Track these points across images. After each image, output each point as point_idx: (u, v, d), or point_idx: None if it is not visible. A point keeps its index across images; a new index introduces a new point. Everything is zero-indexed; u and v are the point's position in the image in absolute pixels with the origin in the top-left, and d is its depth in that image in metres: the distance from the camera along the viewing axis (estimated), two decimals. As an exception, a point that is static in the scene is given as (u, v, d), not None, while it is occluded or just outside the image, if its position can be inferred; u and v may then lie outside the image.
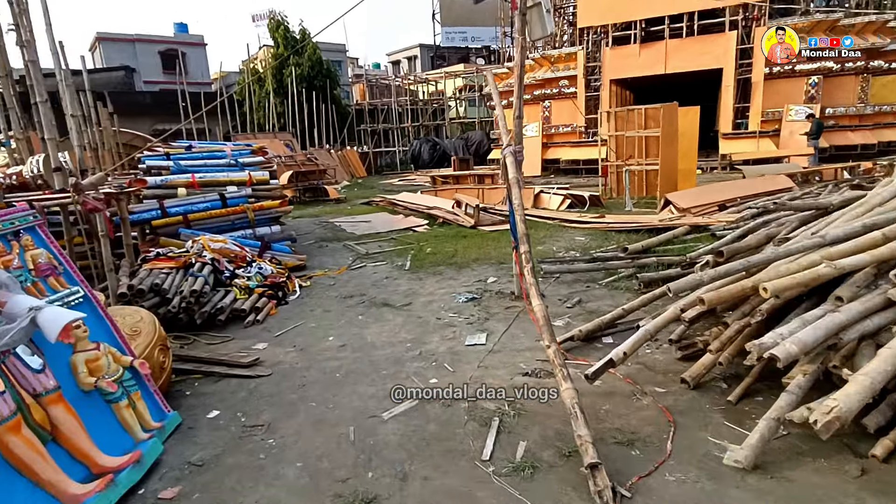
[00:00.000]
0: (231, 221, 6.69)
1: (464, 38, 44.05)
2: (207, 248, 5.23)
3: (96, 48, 38.84)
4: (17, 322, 2.23)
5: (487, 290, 5.24)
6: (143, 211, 6.22)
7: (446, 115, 30.99)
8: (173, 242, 6.03)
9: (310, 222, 11.07)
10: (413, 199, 11.82)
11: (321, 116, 26.36)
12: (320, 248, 8.11)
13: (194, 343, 4.27)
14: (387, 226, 9.83)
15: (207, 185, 6.87)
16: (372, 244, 8.14)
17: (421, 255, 6.94)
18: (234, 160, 7.35)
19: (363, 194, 16.96)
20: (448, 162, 27.66)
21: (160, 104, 25.73)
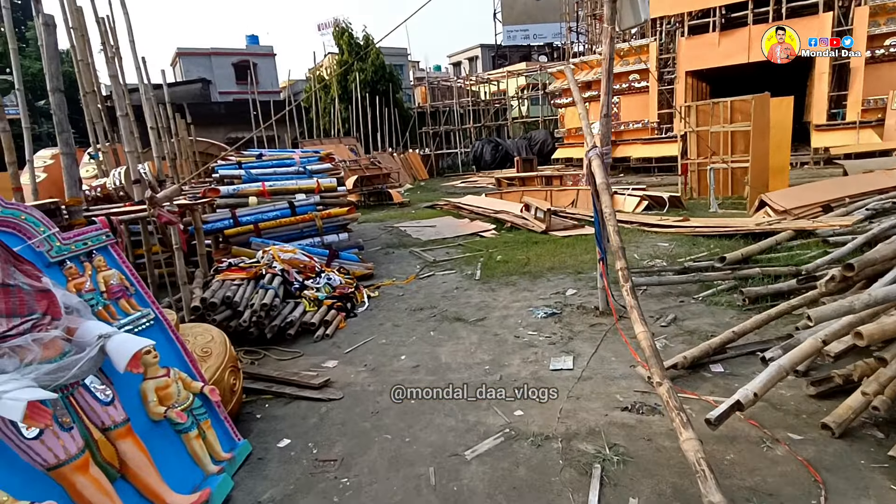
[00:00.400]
0: (300, 230, 6.65)
1: (525, 35, 43.28)
2: (277, 259, 5.16)
3: (177, 63, 41.39)
4: (86, 351, 2.11)
5: (567, 304, 4.82)
6: (217, 220, 6.28)
7: (508, 114, 30.47)
8: (244, 252, 6.04)
9: (375, 227, 11.01)
10: (478, 203, 11.51)
11: (384, 120, 26.63)
12: (386, 254, 7.96)
13: (264, 358, 4.16)
14: (453, 231, 9.57)
15: (277, 194, 6.87)
16: (439, 251, 7.89)
17: (491, 264, 6.61)
18: (302, 167, 7.34)
19: (426, 197, 16.86)
20: (511, 162, 27.18)
21: (233, 114, 26.92)
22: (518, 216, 9.30)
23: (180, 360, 2.67)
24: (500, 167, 26.57)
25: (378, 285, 6.09)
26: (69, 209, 3.50)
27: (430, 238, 9.03)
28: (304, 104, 27.61)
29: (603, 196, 3.65)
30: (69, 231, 2.60)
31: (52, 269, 2.36)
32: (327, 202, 7.01)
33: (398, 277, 6.43)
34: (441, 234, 9.42)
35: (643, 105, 19.88)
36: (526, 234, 8.28)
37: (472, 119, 29.90)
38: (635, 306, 2.80)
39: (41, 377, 1.94)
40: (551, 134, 26.80)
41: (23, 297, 2.06)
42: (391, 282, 6.24)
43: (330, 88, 27.66)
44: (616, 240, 3.25)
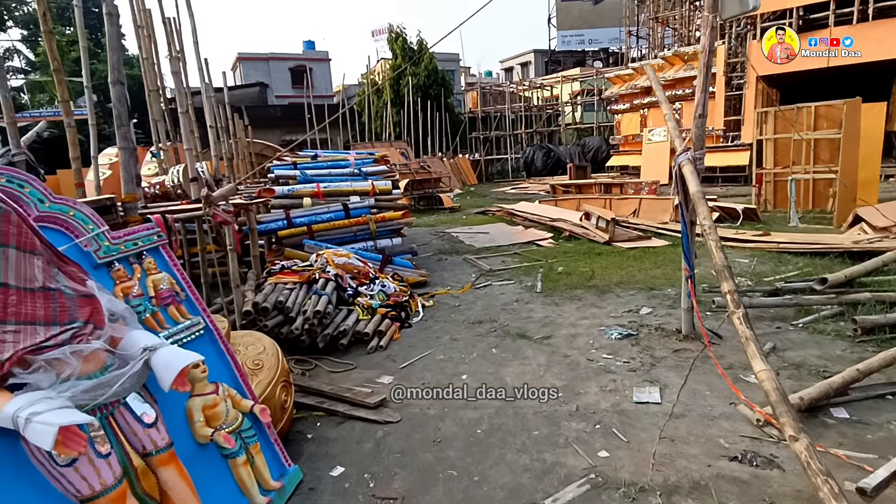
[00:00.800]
0: (353, 233, 6.44)
1: (581, 41, 42.40)
2: (331, 264, 4.94)
3: (237, 67, 42.93)
4: (129, 366, 1.88)
5: (644, 324, 4.36)
6: (271, 221, 6.16)
7: (562, 120, 29.79)
8: (297, 254, 5.87)
9: (426, 232, 10.76)
10: (533, 210, 11.07)
11: (435, 125, 26.54)
12: (439, 261, 7.66)
13: (315, 369, 3.92)
14: (507, 238, 9.18)
15: (331, 195, 6.70)
16: (494, 259, 7.53)
17: (553, 275, 6.19)
18: (357, 169, 7.15)
19: (477, 203, 16.53)
20: (562, 169, 26.49)
21: (289, 116, 27.53)
22: (578, 225, 8.82)
23: (230, 375, 2.43)
24: (551, 174, 25.95)
25: (433, 294, 5.79)
26: (125, 206, 3.37)
27: (483, 245, 8.68)
28: (356, 108, 27.92)
29: (700, 206, 3.20)
30: (122, 229, 2.42)
31: (99, 271, 2.16)
32: (381, 205, 6.79)
33: (453, 286, 6.11)
34: (495, 241, 9.05)
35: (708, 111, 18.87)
36: (587, 245, 7.80)
37: (523, 125, 29.41)
38: (751, 339, 2.36)
39: (78, 395, 1.71)
40: (606, 141, 25.96)
41: (64, 303, 1.85)
42: (446, 290, 5.93)
43: (383, 93, 27.85)
44: (720, 257, 2.80)
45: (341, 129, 24.90)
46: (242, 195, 5.83)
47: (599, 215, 8.14)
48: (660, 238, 7.95)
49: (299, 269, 5.03)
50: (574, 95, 31.31)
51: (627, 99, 22.96)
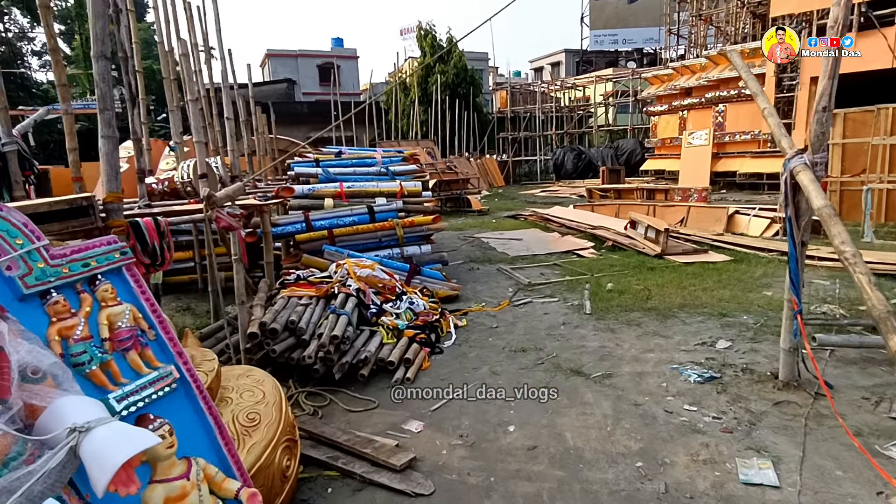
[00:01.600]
0: (378, 238, 5.81)
1: (614, 40, 41.21)
2: (353, 276, 4.30)
3: (266, 64, 43.00)
4: (45, 458, 1.25)
5: (726, 363, 3.60)
6: (288, 223, 5.57)
7: (594, 122, 28.78)
8: (316, 261, 5.26)
9: (454, 237, 10.09)
10: (570, 216, 10.31)
11: (462, 124, 25.88)
12: (471, 271, 6.98)
13: (330, 406, 3.28)
14: (543, 246, 8.45)
15: (355, 196, 6.09)
16: (531, 270, 6.81)
17: (602, 293, 5.45)
18: (384, 168, 6.52)
19: (506, 206, 15.80)
20: (593, 172, 25.56)
21: (315, 113, 27.20)
22: (623, 234, 8.04)
23: (211, 445, 1.79)
24: (581, 177, 25.06)
25: (466, 311, 5.11)
26: (107, 207, 2.78)
27: (518, 254, 7.96)
28: (383, 106, 27.44)
29: (833, 226, 2.44)
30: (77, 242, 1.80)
31: (28, 304, 1.54)
32: (410, 209, 6.14)
33: (488, 302, 5.43)
34: (530, 249, 8.33)
35: (754, 115, 17.71)
36: (636, 258, 7.02)
37: (554, 126, 28.51)
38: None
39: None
40: (641, 144, 24.92)
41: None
42: (480, 307, 5.24)
43: (410, 90, 27.31)
44: (879, 301, 2.05)
45: (367, 127, 24.43)
46: (256, 196, 5.25)
47: (649, 224, 7.34)
48: (717, 252, 7.12)
49: (317, 280, 4.40)
50: (607, 96, 30.29)
51: (666, 100, 21.90)
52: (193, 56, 6.07)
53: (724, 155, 18.64)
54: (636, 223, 8.05)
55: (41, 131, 24.75)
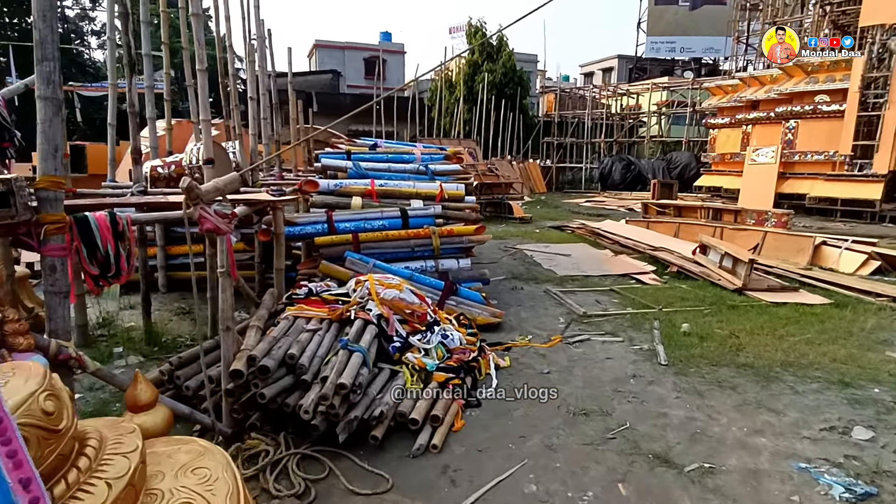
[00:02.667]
0: (411, 248, 4.96)
1: (671, 48, 39.38)
2: (375, 298, 3.45)
3: (313, 54, 43.05)
4: None
5: (879, 467, 2.58)
6: (308, 223, 4.78)
7: (647, 132, 27.31)
8: (336, 271, 4.46)
9: (494, 246, 9.17)
10: (625, 233, 9.25)
11: (507, 126, 24.90)
12: (513, 291, 6.06)
13: (328, 480, 2.44)
14: (595, 266, 7.45)
15: (388, 197, 5.26)
16: (584, 295, 5.85)
17: (676, 336, 4.45)
18: (423, 166, 5.68)
19: (549, 215, 14.78)
20: (642, 185, 24.18)
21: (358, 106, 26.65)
22: (690, 260, 6.97)
23: None
24: (629, 189, 23.74)
25: (509, 345, 4.21)
26: (39, 195, 2.01)
27: (567, 273, 6.99)
28: (427, 102, 26.71)
29: None
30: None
31: None
32: (450, 215, 5.28)
33: (535, 335, 4.51)
34: (580, 267, 7.34)
35: (830, 133, 16.14)
36: (710, 291, 5.95)
37: (603, 133, 27.18)
38: None
39: None
40: (696, 157, 23.41)
41: None
42: (526, 342, 4.33)
43: (455, 88, 26.51)
44: None
45: (409, 123, 23.75)
46: (270, 189, 4.48)
47: (727, 252, 6.25)
48: (809, 291, 5.98)
49: (332, 298, 3.59)
50: (661, 106, 28.75)
51: (728, 113, 20.38)
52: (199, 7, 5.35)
53: (791, 175, 17.09)
54: (707, 248, 6.97)
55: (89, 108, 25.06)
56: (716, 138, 21.82)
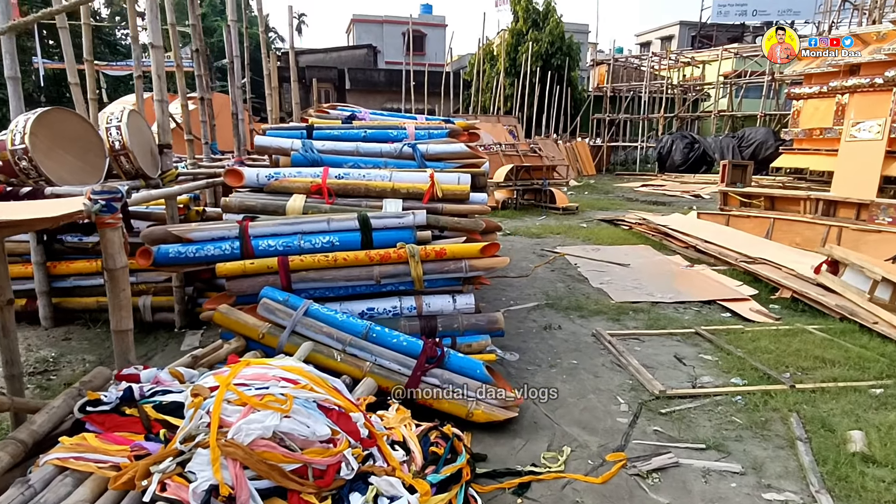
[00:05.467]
0: (375, 279, 3.06)
1: (741, 11, 35.19)
2: (214, 443, 1.58)
3: (351, 30, 41.44)
4: None
5: None
6: (208, 240, 2.98)
7: (713, 106, 24.08)
8: (239, 322, 2.66)
9: (527, 248, 7.18)
10: (702, 233, 7.01)
11: (553, 101, 22.41)
12: (546, 332, 4.08)
13: None
14: (665, 285, 5.35)
15: (348, 195, 3.39)
16: (656, 343, 3.82)
17: (842, 461, 2.38)
18: (407, 147, 3.75)
19: (599, 203, 12.54)
20: (707, 166, 21.27)
21: (393, 82, 24.93)
22: (815, 283, 4.75)
23: None
24: (692, 170, 20.90)
25: (528, 478, 2.28)
26: None
27: (625, 298, 4.94)
28: (465, 77, 24.52)
29: None
30: None
31: None
32: (444, 224, 3.34)
33: (576, 444, 2.55)
34: (644, 287, 5.27)
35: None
36: (868, 340, 3.76)
37: (663, 108, 24.18)
38: None
39: None
40: (775, 133, 20.26)
41: None
42: (557, 469, 2.38)
43: (497, 61, 24.15)
44: None
45: (442, 99, 21.69)
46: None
47: (884, 277, 4.02)
48: None
49: (155, 416, 1.76)
50: (728, 76, 25.33)
51: (818, 80, 17.17)
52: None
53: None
54: (836, 264, 4.73)
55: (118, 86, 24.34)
56: (800, 111, 18.56)
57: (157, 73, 3.64)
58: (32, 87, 21.38)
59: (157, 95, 3.67)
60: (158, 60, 3.61)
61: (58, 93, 21.85)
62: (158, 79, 3.65)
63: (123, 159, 3.45)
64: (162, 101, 3.68)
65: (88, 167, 3.18)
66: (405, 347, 2.76)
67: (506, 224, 9.25)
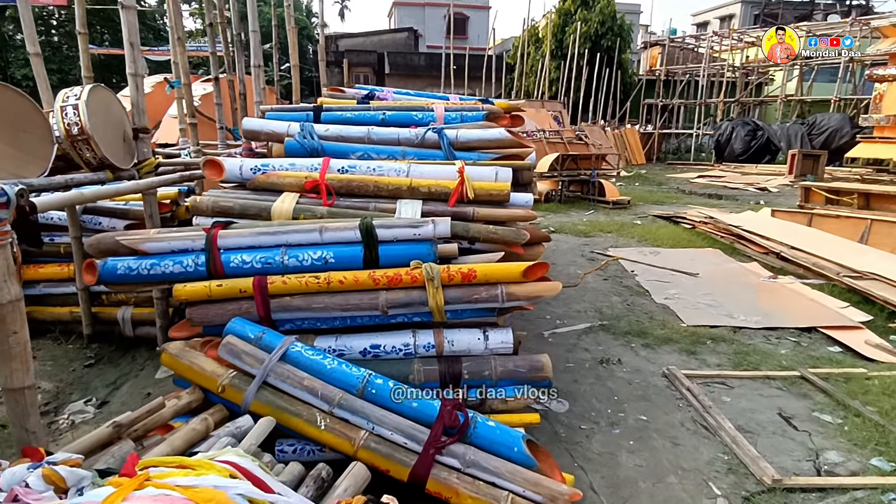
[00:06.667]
0: (381, 310, 2.30)
1: (812, -13, 32.41)
2: None
3: (392, 14, 40.74)
4: None
5: None
6: (168, 252, 2.29)
7: (782, 90, 22.07)
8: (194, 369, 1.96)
9: (574, 249, 6.30)
10: (786, 237, 5.94)
11: (601, 85, 21.03)
12: (602, 364, 3.25)
13: None
14: (746, 302, 4.39)
15: (353, 195, 2.63)
16: (749, 391, 2.93)
17: None
18: (433, 134, 2.95)
19: (653, 196, 11.40)
20: (771, 155, 19.53)
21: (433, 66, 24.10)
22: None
23: None
24: (754, 160, 19.19)
25: None
26: None
27: (700, 319, 4.02)
28: (509, 61, 23.39)
29: None
30: None
31: None
32: (474, 233, 2.54)
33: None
34: (721, 305, 4.32)
35: None
36: None
37: (722, 92, 22.36)
38: None
39: None
40: (851, 120, 18.33)
41: None
42: None
43: (542, 43, 22.90)
44: None
45: (484, 84, 20.70)
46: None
47: None
48: None
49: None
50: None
51: (905, 60, 15.31)
52: None
53: None
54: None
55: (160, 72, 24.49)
56: (883, 95, 16.64)
57: (130, 40, 2.96)
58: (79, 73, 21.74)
59: (129, 68, 3.00)
60: (130, 22, 2.93)
61: (103, 78, 22.12)
62: (131, 47, 2.97)
63: (83, 146, 2.80)
64: (135, 75, 3.01)
65: (26, 156, 2.55)
66: (415, 411, 1.99)
67: (550, 219, 8.35)
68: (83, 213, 3.38)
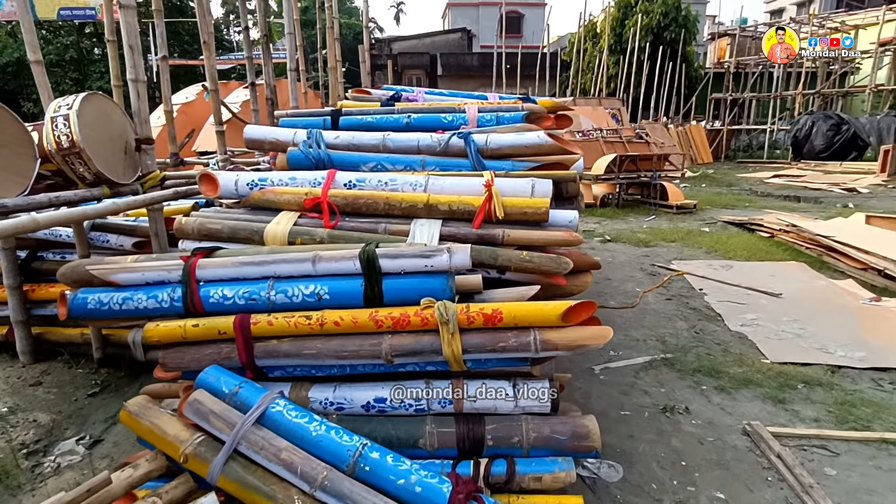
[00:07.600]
0: (385, 358, 1.88)
1: (906, -35, 29.30)
2: None
3: (447, 15, 40.62)
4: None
5: None
6: (140, 285, 1.97)
7: (871, 79, 19.98)
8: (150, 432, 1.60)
9: (631, 260, 5.66)
10: (892, 252, 5.05)
11: (664, 80, 19.82)
12: (665, 413, 2.68)
13: None
14: (844, 332, 3.65)
15: (362, 214, 2.23)
16: (857, 457, 2.29)
17: None
18: (459, 138, 2.50)
19: (722, 199, 10.43)
20: (858, 152, 17.69)
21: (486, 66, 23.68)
22: None
23: None
24: (837, 157, 17.44)
25: None
26: None
27: (786, 354, 3.34)
28: (565, 58, 22.56)
29: None
30: None
31: None
32: (503, 260, 2.06)
33: None
34: (809, 332, 3.61)
35: None
36: None
37: (801, 83, 20.52)
38: None
39: None
40: (957, 112, 16.29)
41: None
42: None
43: (600, 38, 21.90)
44: None
45: (538, 82, 20.02)
46: None
47: None
48: None
49: None
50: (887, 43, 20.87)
51: None
52: None
53: None
54: None
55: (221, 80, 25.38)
56: None
57: (129, 43, 2.70)
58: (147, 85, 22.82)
59: (129, 74, 2.74)
60: (129, 23, 2.67)
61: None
62: (131, 49, 2.71)
63: (76, 160, 2.56)
64: (136, 81, 2.75)
65: (7, 174, 2.31)
66: (418, 498, 1.55)
67: (605, 226, 7.69)
68: (91, 229, 3.17)
